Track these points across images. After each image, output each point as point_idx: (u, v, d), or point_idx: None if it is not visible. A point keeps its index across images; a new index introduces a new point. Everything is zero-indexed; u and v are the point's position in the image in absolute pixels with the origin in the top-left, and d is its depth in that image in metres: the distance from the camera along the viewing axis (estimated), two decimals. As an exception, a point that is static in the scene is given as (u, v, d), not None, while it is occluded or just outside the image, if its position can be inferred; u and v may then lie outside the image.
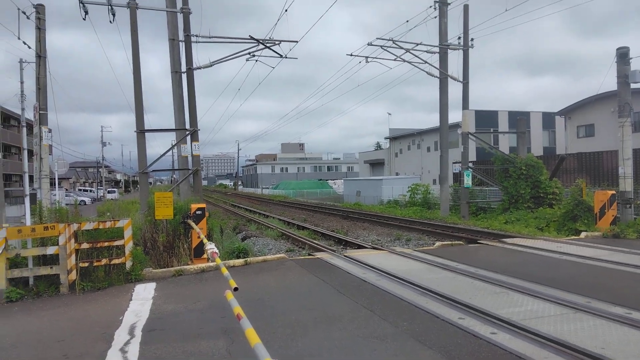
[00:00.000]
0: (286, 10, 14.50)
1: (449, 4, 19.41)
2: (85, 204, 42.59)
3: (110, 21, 13.01)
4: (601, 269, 8.64)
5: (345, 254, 10.77)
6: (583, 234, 13.06)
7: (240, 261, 9.78)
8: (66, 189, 53.15)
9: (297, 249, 13.03)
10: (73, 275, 7.98)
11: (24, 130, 9.52)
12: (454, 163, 22.22)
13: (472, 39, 19.76)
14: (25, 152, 9.17)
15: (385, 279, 8.07)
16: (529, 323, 5.49)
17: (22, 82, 12.96)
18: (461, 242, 12.69)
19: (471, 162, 24.17)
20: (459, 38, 19.77)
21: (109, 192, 66.15)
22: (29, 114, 12.41)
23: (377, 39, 18.82)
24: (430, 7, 19.04)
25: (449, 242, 12.44)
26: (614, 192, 13.74)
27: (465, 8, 19.31)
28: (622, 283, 7.57)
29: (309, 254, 11.34)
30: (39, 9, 12.65)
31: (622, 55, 13.78)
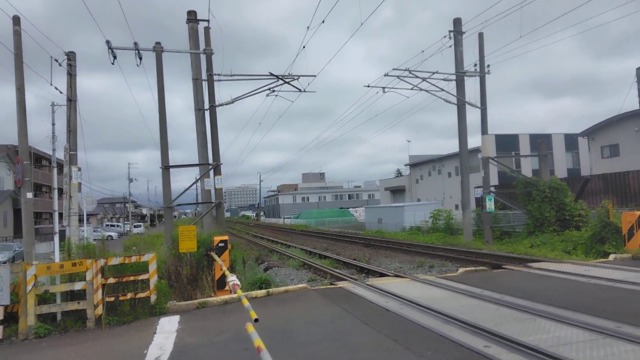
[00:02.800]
0: (304, 47, 14.95)
1: (464, 32, 19.66)
2: (112, 239, 43.44)
3: (137, 64, 13.64)
4: (631, 292, 8.37)
5: (368, 283, 10.71)
6: (612, 256, 12.70)
7: (262, 292, 9.82)
8: (94, 225, 54.32)
9: (319, 279, 13.01)
10: (99, 310, 8.15)
11: (55, 170, 9.91)
12: (475, 188, 22.01)
13: (488, 65, 19.90)
14: (56, 191, 9.53)
15: (409, 308, 7.99)
16: (557, 350, 5.36)
17: (53, 124, 13.58)
18: (485, 268, 12.46)
19: (493, 186, 23.89)
20: (475, 65, 19.91)
21: (135, 226, 67.25)
22: (60, 154, 12.96)
23: (394, 69, 19.10)
24: (445, 36, 19.32)
25: (473, 268, 12.23)
26: (642, 212, 13.37)
27: (480, 36, 19.52)
28: (655, 307, 7.32)
29: (331, 284, 11.30)
30: (70, 56, 13.37)
31: (641, 74, 13.65)
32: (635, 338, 5.63)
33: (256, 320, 3.35)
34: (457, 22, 19.71)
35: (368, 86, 20.10)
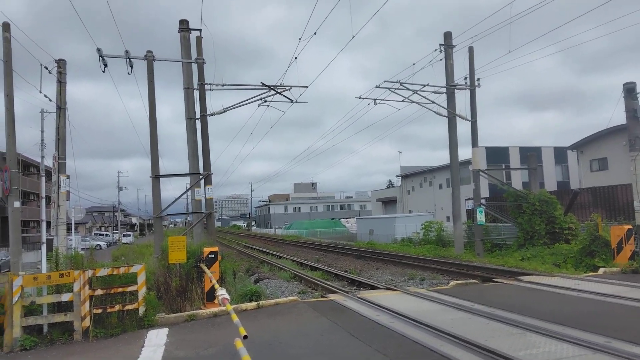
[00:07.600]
0: (296, 58, 15.03)
1: (454, 46, 19.88)
2: (100, 248, 42.92)
3: (129, 73, 13.60)
4: (621, 306, 8.42)
5: (359, 295, 10.66)
6: (601, 270, 12.78)
7: (252, 304, 9.74)
8: (82, 235, 53.71)
9: (309, 291, 12.94)
10: (87, 322, 8.02)
11: (43, 179, 9.78)
12: (466, 200, 22.11)
13: (478, 79, 20.09)
14: (44, 200, 9.40)
15: (399, 321, 7.96)
16: (547, 365, 5.36)
17: (42, 132, 13.40)
18: (476, 281, 12.48)
19: (484, 198, 24.01)
20: (465, 78, 20.10)
21: (124, 235, 66.68)
22: (48, 162, 12.81)
23: (385, 81, 19.22)
24: (436, 50, 19.51)
25: (464, 281, 12.25)
26: (630, 226, 13.51)
27: (470, 50, 19.74)
28: (643, 322, 7.36)
29: (322, 296, 11.25)
30: (61, 64, 13.29)
31: (629, 91, 13.88)
32: (624, 354, 5.65)
33: (245, 337, 3.30)
34: (447, 35, 19.92)
35: (359, 97, 20.20)
